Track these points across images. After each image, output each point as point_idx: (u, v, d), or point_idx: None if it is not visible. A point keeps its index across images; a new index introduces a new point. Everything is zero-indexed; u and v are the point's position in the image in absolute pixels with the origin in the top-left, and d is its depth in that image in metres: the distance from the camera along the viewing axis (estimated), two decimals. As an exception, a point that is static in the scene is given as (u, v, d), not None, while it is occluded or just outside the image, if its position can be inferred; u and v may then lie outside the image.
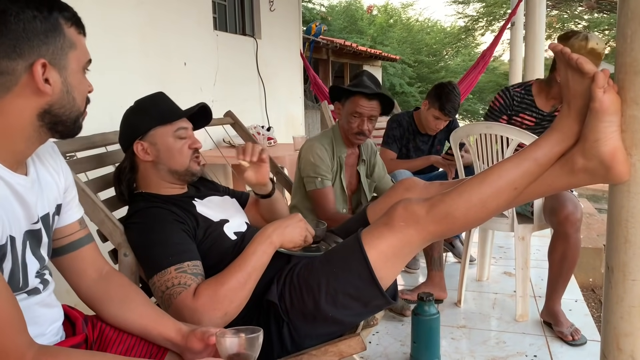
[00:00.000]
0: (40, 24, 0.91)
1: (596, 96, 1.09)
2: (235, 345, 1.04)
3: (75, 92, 0.98)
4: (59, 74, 0.95)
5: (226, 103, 3.78)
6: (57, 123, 0.97)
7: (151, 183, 1.58)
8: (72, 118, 0.99)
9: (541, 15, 4.97)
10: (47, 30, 0.92)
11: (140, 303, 1.20)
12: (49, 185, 1.09)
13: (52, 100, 0.95)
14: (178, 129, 1.55)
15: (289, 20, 5.61)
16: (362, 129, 2.26)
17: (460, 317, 2.48)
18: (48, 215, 1.07)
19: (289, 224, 1.44)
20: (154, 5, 3.19)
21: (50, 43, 0.93)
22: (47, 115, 0.95)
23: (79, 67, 0.99)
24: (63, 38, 0.95)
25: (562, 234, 2.19)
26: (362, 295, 1.36)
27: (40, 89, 0.92)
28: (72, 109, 0.98)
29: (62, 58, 0.95)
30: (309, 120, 7.82)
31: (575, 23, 14.84)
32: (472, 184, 1.29)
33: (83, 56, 1.00)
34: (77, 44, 0.98)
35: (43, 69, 0.92)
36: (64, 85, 0.96)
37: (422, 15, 20.42)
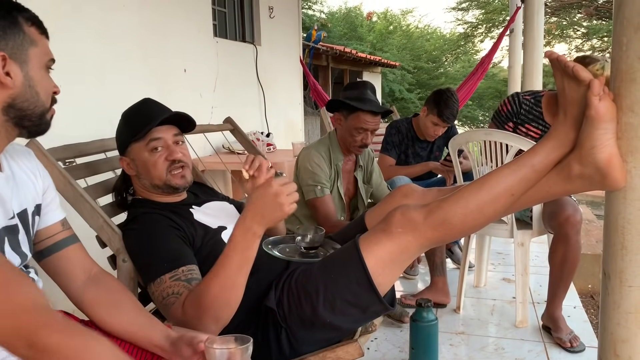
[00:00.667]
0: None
1: (592, 103, 1.09)
2: (224, 357, 1.02)
3: (38, 87, 1.01)
4: (20, 67, 0.98)
5: (226, 109, 3.79)
6: (23, 118, 1.00)
7: (143, 192, 1.59)
8: (37, 113, 1.02)
9: (539, 22, 5.00)
10: (6, 27, 0.97)
11: (130, 309, 1.20)
12: (25, 184, 1.11)
13: (15, 94, 0.98)
14: (150, 141, 1.50)
15: (289, 27, 5.63)
16: (366, 142, 2.31)
17: (459, 323, 2.48)
18: (26, 212, 1.08)
19: (264, 202, 1.22)
20: (155, 12, 3.21)
21: (10, 38, 0.97)
22: (11, 109, 0.98)
23: (40, 64, 1.02)
24: (23, 35, 0.99)
25: (563, 235, 2.19)
26: (360, 301, 1.36)
27: (1, 80, 0.95)
28: (36, 103, 1.01)
29: (23, 53, 0.99)
30: (308, 126, 7.84)
31: (574, 30, 14.91)
32: (470, 190, 1.29)
33: (45, 55, 1.04)
34: (39, 42, 1.02)
35: (3, 62, 0.96)
36: (25, 79, 0.99)
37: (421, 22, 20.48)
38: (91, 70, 2.57)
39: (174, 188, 1.54)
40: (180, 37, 3.52)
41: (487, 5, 16.00)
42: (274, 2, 5.12)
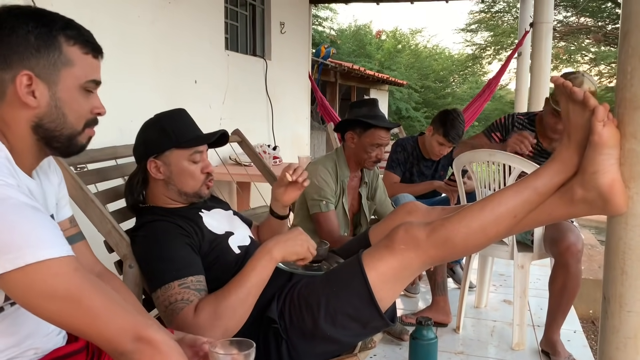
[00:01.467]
0: (33, 39, 0.94)
1: (596, 129, 1.12)
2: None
3: (66, 109, 0.98)
4: (48, 88, 0.96)
5: (234, 121, 3.83)
6: (51, 138, 0.99)
7: (159, 198, 1.60)
8: (65, 135, 1.00)
9: (547, 46, 5.04)
10: (40, 45, 0.95)
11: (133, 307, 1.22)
12: (51, 187, 1.13)
13: (41, 114, 0.96)
14: (193, 152, 1.56)
15: (299, 43, 5.70)
16: (380, 157, 2.39)
17: (458, 343, 2.48)
18: (52, 217, 1.10)
19: (289, 237, 1.41)
20: (168, 24, 3.27)
21: (42, 57, 0.95)
22: (39, 129, 0.97)
23: (74, 84, 0.99)
24: (58, 54, 0.96)
25: (563, 264, 2.19)
26: (361, 316, 1.37)
27: (22, 100, 0.94)
28: (63, 125, 0.99)
29: (53, 73, 0.96)
30: (314, 140, 7.88)
31: (582, 55, 14.99)
32: (473, 210, 1.31)
33: (82, 75, 1.00)
34: (76, 61, 0.99)
35: (29, 81, 0.94)
36: (52, 100, 0.97)
37: (430, 41, 20.63)
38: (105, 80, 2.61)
39: (200, 197, 1.61)
40: (192, 49, 3.58)
41: (496, 28, 16.14)
42: (286, 18, 5.19)
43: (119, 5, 2.78)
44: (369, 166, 2.42)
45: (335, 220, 2.30)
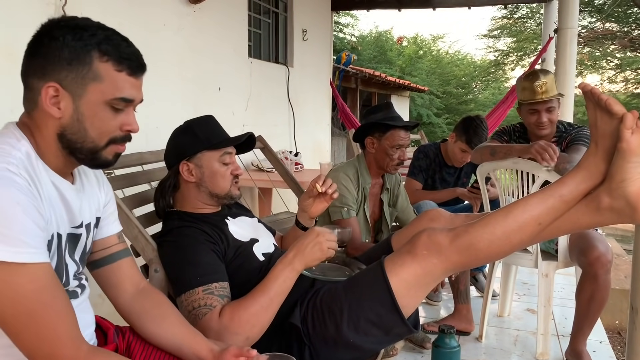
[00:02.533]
0: (67, 52, 0.96)
1: (624, 137, 1.11)
2: None
3: (87, 123, 0.99)
4: (72, 100, 0.98)
5: (256, 127, 3.87)
6: (74, 150, 1.01)
7: (189, 202, 1.63)
8: (86, 148, 1.01)
9: (572, 52, 4.98)
10: (72, 59, 0.97)
11: (176, 322, 1.24)
12: (94, 197, 1.16)
13: (64, 125, 0.99)
14: (223, 154, 1.61)
15: (321, 50, 5.73)
16: (403, 158, 2.37)
17: (481, 351, 2.46)
18: (90, 225, 1.13)
19: (307, 244, 1.41)
20: (193, 33, 3.32)
21: (72, 70, 0.97)
22: (63, 138, 1.00)
23: (99, 100, 0.99)
24: (88, 69, 0.97)
25: (592, 275, 2.16)
26: (383, 322, 1.37)
27: (46, 109, 0.97)
28: (84, 139, 1.00)
29: (80, 87, 0.97)
30: (335, 147, 7.90)
31: (607, 61, 14.75)
32: (497, 217, 1.30)
33: (110, 91, 1.00)
34: (106, 78, 0.99)
35: (56, 92, 0.97)
36: (75, 113, 0.98)
37: (452, 47, 20.52)
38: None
39: (231, 198, 1.64)
40: (216, 57, 3.63)
41: (519, 34, 15.99)
42: (308, 25, 5.23)
43: (145, 14, 2.84)
44: (392, 170, 2.39)
45: (357, 226, 2.30)
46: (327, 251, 1.42)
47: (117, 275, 1.22)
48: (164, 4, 3.03)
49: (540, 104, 2.42)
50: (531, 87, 2.41)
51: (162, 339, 1.21)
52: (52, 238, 0.98)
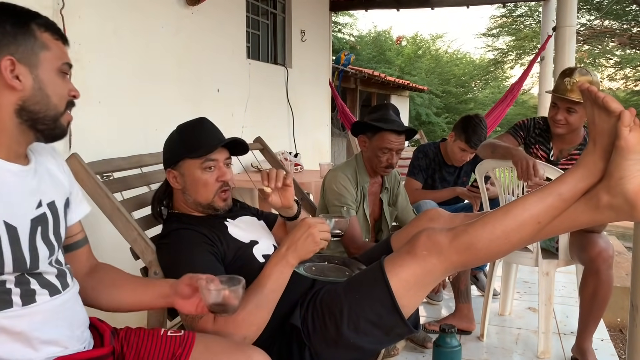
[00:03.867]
0: (9, 27, 1.01)
1: (622, 134, 1.11)
2: (220, 297, 1.13)
3: (49, 90, 1.04)
4: (29, 71, 1.02)
5: (256, 129, 3.87)
6: (36, 121, 1.04)
7: (184, 206, 1.62)
8: (49, 116, 1.05)
9: (571, 50, 4.98)
10: (17, 33, 1.01)
11: (128, 280, 1.31)
12: (56, 176, 1.16)
13: (25, 96, 1.02)
14: (205, 161, 1.55)
15: (319, 51, 5.73)
16: (391, 162, 2.31)
17: (482, 351, 2.45)
18: (54, 204, 1.12)
19: (299, 236, 1.35)
20: (191, 35, 3.32)
21: (20, 43, 1.01)
22: (23, 112, 1.02)
23: (52, 68, 1.05)
24: (34, 40, 1.03)
25: (594, 270, 2.15)
26: (383, 323, 1.37)
27: (8, 82, 0.99)
28: (47, 106, 1.04)
29: (33, 57, 1.03)
30: (335, 147, 7.89)
31: (606, 59, 14.74)
32: (496, 216, 1.30)
33: (58, 59, 1.07)
34: (51, 47, 1.06)
35: (12, 66, 1.00)
36: (35, 82, 1.02)
37: (450, 46, 20.51)
38: (129, 89, 2.67)
39: (215, 209, 1.59)
40: (214, 58, 3.63)
41: (517, 32, 15.98)
42: (306, 26, 5.23)
43: (143, 16, 2.84)
44: (381, 172, 2.36)
45: (358, 226, 2.29)
46: (320, 242, 1.36)
47: (76, 260, 1.27)
48: (162, 6, 3.03)
49: (561, 100, 2.37)
50: (561, 80, 2.36)
51: (122, 301, 1.28)
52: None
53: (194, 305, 1.22)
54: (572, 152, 2.40)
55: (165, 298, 1.25)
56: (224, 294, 1.13)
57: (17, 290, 1.01)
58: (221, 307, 1.14)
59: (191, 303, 1.22)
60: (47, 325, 1.05)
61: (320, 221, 1.39)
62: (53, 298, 1.07)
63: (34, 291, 1.04)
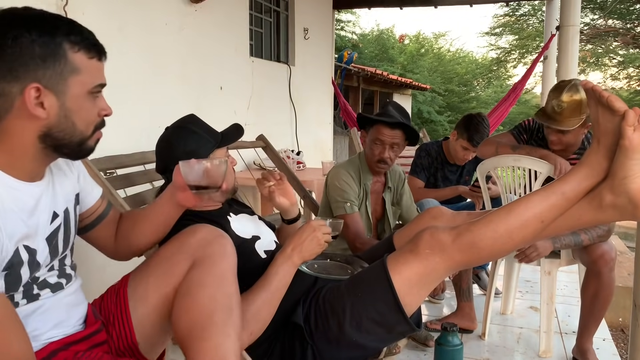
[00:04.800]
0: (38, 49, 0.92)
1: (626, 134, 1.11)
2: (201, 170, 1.13)
3: (75, 117, 0.98)
4: (56, 98, 0.95)
5: (258, 127, 3.87)
6: (60, 146, 1.00)
7: None
8: (74, 142, 1.00)
9: (574, 50, 4.97)
10: (46, 55, 0.93)
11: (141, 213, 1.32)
12: (63, 182, 1.13)
13: (50, 124, 0.96)
14: (227, 149, 1.62)
15: (322, 48, 5.73)
16: (383, 156, 2.29)
17: (484, 349, 2.46)
18: (67, 211, 1.12)
19: (305, 238, 1.42)
20: (195, 32, 3.32)
21: (48, 67, 0.93)
22: (47, 138, 0.97)
23: (82, 92, 0.98)
24: (64, 63, 0.95)
25: (596, 272, 2.15)
26: (386, 321, 1.37)
27: (32, 112, 0.93)
28: (72, 133, 0.99)
29: (61, 83, 0.95)
30: (337, 145, 7.89)
31: (609, 58, 14.70)
32: (499, 214, 1.30)
33: (90, 80, 0.99)
34: (83, 68, 0.98)
35: (37, 92, 0.93)
36: (61, 110, 0.96)
37: (453, 45, 20.43)
38: (133, 87, 2.67)
39: (235, 191, 1.66)
40: (217, 56, 3.63)
41: (521, 31, 15.95)
42: (309, 24, 5.22)
43: (146, 14, 2.84)
44: (375, 167, 2.35)
45: (361, 222, 2.29)
46: (324, 244, 1.44)
47: (106, 229, 1.28)
48: (165, 4, 3.03)
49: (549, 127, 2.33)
50: (550, 102, 2.29)
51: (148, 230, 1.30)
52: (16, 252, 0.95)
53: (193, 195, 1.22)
54: (570, 156, 2.40)
55: (170, 200, 1.26)
56: (205, 167, 1.13)
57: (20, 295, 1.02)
58: (202, 181, 1.14)
59: (190, 193, 1.22)
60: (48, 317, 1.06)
61: (323, 224, 1.46)
62: (55, 294, 1.09)
63: (38, 295, 1.05)
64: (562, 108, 2.22)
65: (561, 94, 2.22)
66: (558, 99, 2.23)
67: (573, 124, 2.24)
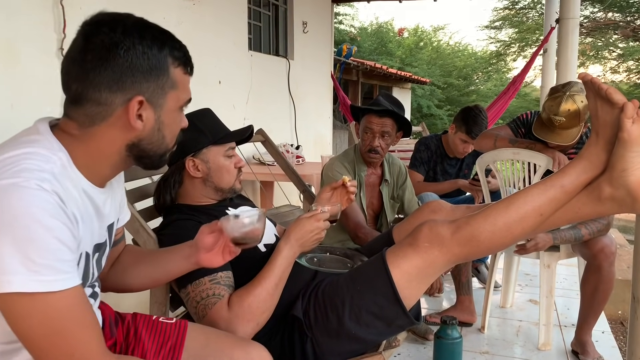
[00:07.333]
0: (147, 61, 0.92)
1: (625, 126, 1.11)
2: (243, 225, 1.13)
3: (166, 130, 1.00)
4: (154, 111, 0.96)
5: (257, 121, 3.86)
6: (144, 157, 1.00)
7: (191, 196, 1.62)
8: (159, 153, 1.01)
9: (574, 43, 4.95)
10: (152, 68, 0.93)
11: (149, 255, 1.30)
12: (117, 193, 1.14)
13: (142, 136, 0.96)
14: (228, 148, 1.62)
15: (321, 42, 5.71)
16: (373, 145, 2.30)
17: (483, 342, 2.46)
18: (112, 225, 1.12)
19: (308, 229, 1.43)
20: (193, 26, 3.31)
21: (152, 81, 0.93)
22: (135, 147, 0.97)
23: (176, 106, 1.00)
24: (166, 77, 0.95)
25: (596, 266, 2.16)
26: (385, 314, 1.38)
27: (132, 124, 0.93)
28: (160, 145, 1.00)
29: (161, 97, 0.96)
30: (336, 140, 7.89)
31: (609, 51, 14.67)
32: (498, 208, 1.30)
33: (184, 95, 1.01)
34: (179, 84, 0.99)
35: (139, 105, 0.93)
36: (156, 123, 0.97)
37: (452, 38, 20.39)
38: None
39: (234, 192, 1.66)
40: (216, 50, 3.62)
41: (520, 25, 15.90)
42: (308, 17, 5.21)
43: (144, 8, 2.83)
44: (367, 158, 2.37)
45: (360, 211, 2.30)
46: (322, 236, 1.46)
47: (112, 255, 1.25)
48: (163, -2, 3.02)
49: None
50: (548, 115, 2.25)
51: (149, 275, 1.27)
52: (80, 257, 0.95)
53: (219, 254, 1.20)
54: (569, 151, 2.39)
55: (187, 259, 1.23)
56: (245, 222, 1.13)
57: None
58: (247, 237, 1.14)
59: (216, 253, 1.20)
60: None
61: (321, 210, 1.45)
62: None
63: None
64: (561, 122, 2.21)
65: (558, 107, 2.20)
66: (556, 114, 2.21)
67: (573, 136, 2.25)
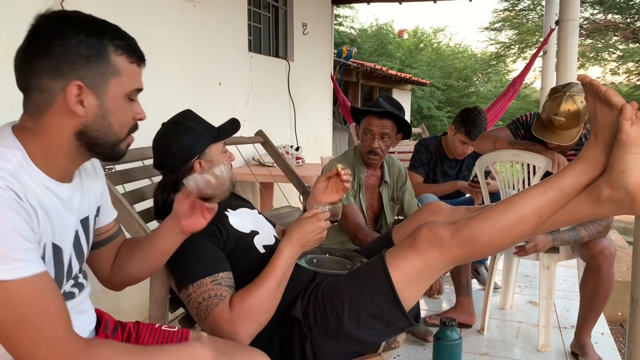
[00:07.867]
0: (84, 49, 0.95)
1: (623, 128, 1.11)
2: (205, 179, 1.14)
3: (112, 118, 1.01)
4: (96, 97, 0.98)
5: (257, 122, 3.86)
6: (94, 145, 1.01)
7: None
8: (108, 142, 1.02)
9: (574, 44, 4.95)
10: (91, 56, 0.96)
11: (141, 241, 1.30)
12: (92, 189, 1.15)
13: (87, 122, 0.98)
14: (224, 144, 1.63)
15: (321, 44, 5.71)
16: (372, 146, 2.31)
17: (482, 344, 2.46)
18: (87, 219, 1.12)
19: (310, 229, 1.43)
20: (193, 27, 3.31)
21: (92, 67, 0.96)
22: (83, 136, 0.99)
23: (120, 93, 1.01)
24: (107, 64, 0.98)
25: (595, 268, 2.16)
26: (384, 315, 1.38)
27: (71, 108, 0.95)
28: (108, 133, 1.01)
29: (102, 83, 0.98)
30: (336, 141, 7.89)
31: (609, 53, 14.68)
32: (498, 209, 1.30)
33: (128, 83, 1.02)
34: (123, 71, 1.01)
35: (79, 90, 0.95)
36: (99, 110, 0.98)
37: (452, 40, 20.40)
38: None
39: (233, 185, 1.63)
40: (216, 52, 3.62)
41: (520, 26, 15.91)
42: (308, 19, 5.21)
43: (144, 9, 2.83)
44: (366, 159, 2.37)
45: (360, 213, 2.30)
46: (322, 236, 1.45)
47: (110, 251, 1.27)
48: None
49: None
50: (548, 115, 2.26)
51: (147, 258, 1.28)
52: (44, 248, 0.96)
53: (199, 216, 1.22)
54: (568, 152, 2.40)
55: (172, 230, 1.25)
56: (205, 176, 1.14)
57: None
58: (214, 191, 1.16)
59: (196, 216, 1.22)
60: None
61: (322, 210, 1.45)
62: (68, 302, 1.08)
63: None
64: (561, 122, 2.22)
65: (558, 107, 2.21)
66: (556, 114, 2.22)
67: (573, 136, 2.25)
